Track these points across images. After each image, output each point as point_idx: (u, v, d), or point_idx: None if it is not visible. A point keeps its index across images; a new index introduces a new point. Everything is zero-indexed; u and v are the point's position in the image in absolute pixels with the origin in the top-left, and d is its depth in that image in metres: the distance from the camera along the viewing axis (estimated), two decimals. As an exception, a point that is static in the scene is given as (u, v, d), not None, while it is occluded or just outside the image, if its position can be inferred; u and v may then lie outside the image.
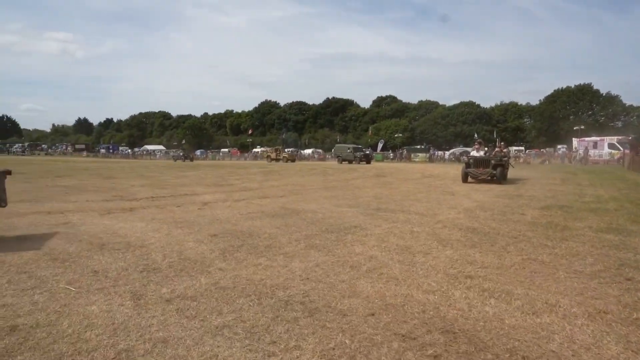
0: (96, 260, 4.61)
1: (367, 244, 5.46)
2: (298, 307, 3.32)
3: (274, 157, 48.69)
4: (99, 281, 3.91)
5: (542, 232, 6.23)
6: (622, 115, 71.78)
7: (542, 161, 38.01)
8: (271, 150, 52.50)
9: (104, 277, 4.03)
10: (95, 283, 3.85)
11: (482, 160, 15.10)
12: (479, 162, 15.10)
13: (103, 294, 3.57)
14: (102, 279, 3.98)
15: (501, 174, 14.56)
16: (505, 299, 3.46)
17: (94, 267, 4.36)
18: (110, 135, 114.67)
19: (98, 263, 4.51)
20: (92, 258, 4.71)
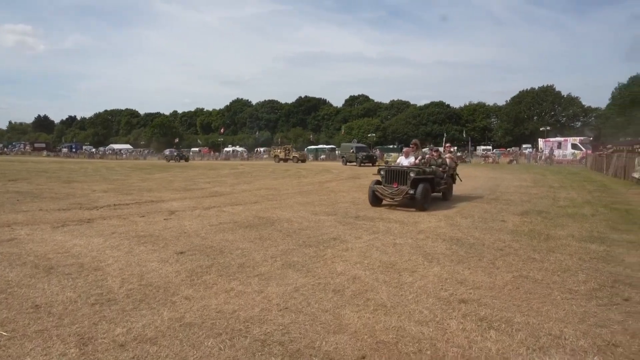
0: (40, 290, 3.98)
1: (349, 261, 5.07)
2: (277, 348, 2.88)
3: (283, 157, 44.31)
4: (39, 320, 3.31)
5: (526, 242, 6.05)
6: (582, 116, 75.21)
7: (510, 161, 39.03)
8: (280, 150, 47.23)
9: (46, 313, 3.44)
10: (35, 323, 3.25)
11: (396, 173, 9.45)
12: (392, 175, 9.52)
13: (42, 338, 3.00)
14: (43, 316, 3.38)
15: (423, 195, 8.90)
16: (506, 331, 3.14)
17: (36, 299, 3.75)
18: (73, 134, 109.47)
19: (42, 294, 3.89)
20: (36, 287, 4.07)
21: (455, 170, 11.71)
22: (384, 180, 9.66)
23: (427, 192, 9.09)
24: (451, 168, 11.07)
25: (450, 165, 11.01)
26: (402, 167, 9.65)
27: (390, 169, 9.78)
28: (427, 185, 9.22)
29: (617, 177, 18.43)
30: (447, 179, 10.66)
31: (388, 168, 9.96)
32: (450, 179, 11.04)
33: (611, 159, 20.94)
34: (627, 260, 5.11)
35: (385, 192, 9.28)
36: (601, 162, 23.46)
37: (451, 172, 11.06)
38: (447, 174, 10.65)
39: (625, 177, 16.94)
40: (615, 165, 19.58)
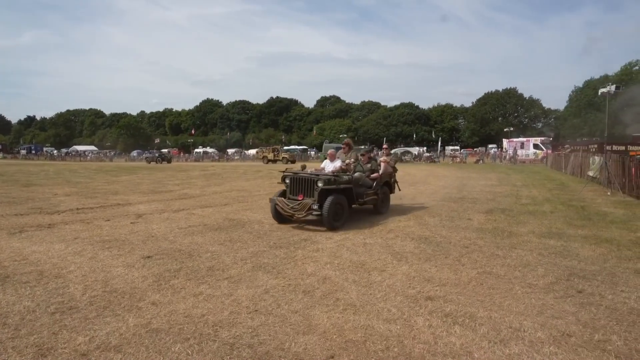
0: None
1: (320, 261, 5.10)
2: (246, 352, 2.87)
3: (271, 158, 42.23)
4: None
5: (490, 239, 6.28)
6: (542, 117, 78.77)
7: (477, 161, 40.35)
8: (268, 150, 44.91)
9: (0, 325, 3.27)
10: (-11, 335, 3.09)
11: (302, 182, 7.38)
12: (297, 184, 7.45)
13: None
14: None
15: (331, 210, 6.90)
16: (470, 325, 3.26)
17: (-9, 310, 3.56)
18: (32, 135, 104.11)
19: None
20: None
21: (394, 177, 9.61)
22: (289, 190, 7.54)
23: (338, 206, 7.03)
24: (386, 175, 9.03)
25: (386, 171, 9.04)
26: (309, 175, 7.36)
27: (296, 177, 7.44)
28: (340, 198, 7.14)
29: (574, 175, 19.43)
30: (380, 189, 8.66)
31: (293, 175, 7.52)
32: (387, 188, 9.05)
33: (569, 158, 22.05)
34: (582, 254, 5.41)
35: (286, 206, 7.14)
36: (560, 161, 24.66)
37: (385, 180, 9.02)
38: (379, 183, 8.65)
39: (581, 175, 17.88)
40: (572, 164, 20.63)
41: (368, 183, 8.47)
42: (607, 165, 12.98)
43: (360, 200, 7.95)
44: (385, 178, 9.04)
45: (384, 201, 8.92)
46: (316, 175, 7.29)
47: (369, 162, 8.92)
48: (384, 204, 8.88)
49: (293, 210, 7.09)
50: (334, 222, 7.01)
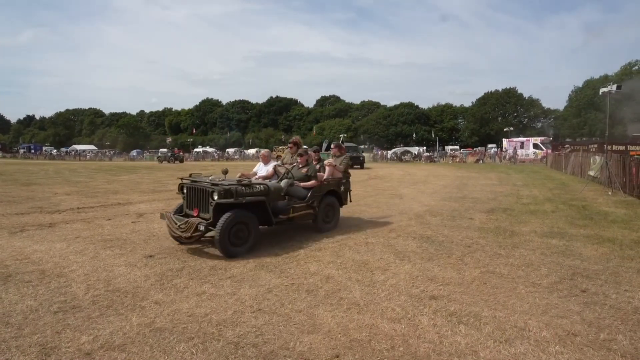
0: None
1: (322, 260, 5.09)
2: (250, 351, 2.86)
3: None
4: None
5: (492, 238, 6.28)
6: (542, 117, 78.85)
7: (477, 160, 40.36)
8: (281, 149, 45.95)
9: (3, 324, 3.26)
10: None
11: (197, 193, 5.70)
12: (193, 195, 5.78)
13: (0, 351, 2.84)
14: (1, 326, 3.20)
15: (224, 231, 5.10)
16: (475, 325, 3.25)
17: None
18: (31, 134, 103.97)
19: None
20: None
21: (347, 185, 7.42)
22: (185, 203, 5.94)
23: (240, 226, 5.30)
24: (333, 182, 7.01)
25: (333, 176, 7.07)
26: (205, 184, 5.55)
27: (192, 186, 5.72)
28: (244, 215, 5.32)
29: (575, 175, 19.44)
30: (322, 200, 6.66)
31: (190, 184, 5.76)
32: (335, 199, 7.02)
33: (569, 158, 22.06)
34: (585, 253, 5.40)
35: (173, 225, 5.51)
36: (560, 161, 24.66)
37: (328, 190, 6.86)
38: (318, 192, 6.60)
39: (582, 175, 17.88)
40: (572, 164, 20.64)
41: (300, 193, 6.47)
42: (608, 165, 12.98)
43: (282, 216, 6.03)
44: (330, 187, 6.93)
45: (329, 216, 6.91)
46: (213, 185, 5.40)
47: (306, 165, 6.90)
48: (328, 220, 6.88)
49: (180, 231, 5.36)
50: (231, 246, 5.17)
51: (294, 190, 6.48)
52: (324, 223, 6.84)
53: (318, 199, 6.64)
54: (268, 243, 6.02)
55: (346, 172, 7.52)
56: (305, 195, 6.52)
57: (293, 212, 6.24)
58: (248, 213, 5.46)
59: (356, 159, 28.80)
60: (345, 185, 7.40)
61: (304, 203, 6.44)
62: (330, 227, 6.96)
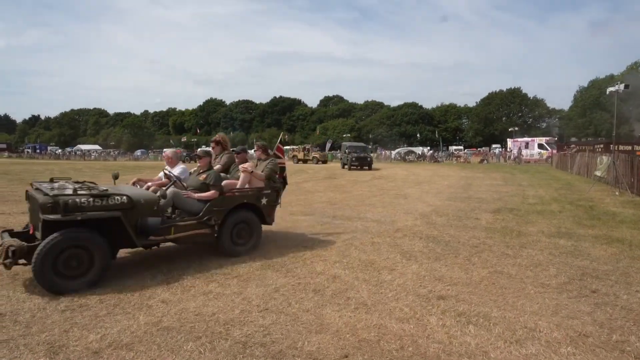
0: (4, 298, 3.77)
1: (328, 260, 5.07)
2: (259, 350, 2.84)
3: (302, 158, 39.87)
4: (4, 329, 3.13)
5: (500, 239, 6.23)
6: (547, 117, 78.43)
7: (481, 160, 40.18)
8: (298, 150, 42.91)
9: (12, 322, 3.26)
10: (0, 332, 3.08)
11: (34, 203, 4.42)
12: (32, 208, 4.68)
13: (8, 349, 2.83)
14: (9, 325, 3.20)
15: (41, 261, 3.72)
16: (484, 325, 3.22)
17: (0, 307, 3.54)
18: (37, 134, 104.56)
19: (7, 302, 3.68)
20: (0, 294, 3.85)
21: (272, 197, 5.71)
22: (29, 216, 4.98)
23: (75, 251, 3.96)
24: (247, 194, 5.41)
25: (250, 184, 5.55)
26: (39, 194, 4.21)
27: (31, 195, 4.53)
28: (77, 237, 4.00)
29: (581, 175, 19.30)
30: (219, 216, 5.06)
31: (31, 192, 4.58)
32: (254, 215, 5.50)
33: (575, 158, 21.91)
34: (593, 254, 5.35)
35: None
36: (566, 161, 24.51)
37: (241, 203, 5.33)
38: (218, 207, 5.05)
39: (588, 175, 17.76)
40: (578, 164, 20.50)
41: (191, 206, 4.99)
42: (615, 165, 12.88)
43: (154, 237, 4.52)
44: (244, 199, 5.37)
45: (242, 236, 5.36)
46: (45, 195, 4.05)
47: (207, 170, 5.36)
48: (240, 241, 5.34)
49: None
50: (58, 280, 3.86)
51: (182, 202, 4.99)
52: (233, 245, 5.25)
53: (219, 215, 5.06)
54: (273, 243, 6.00)
55: (272, 180, 5.82)
56: (199, 210, 4.96)
57: (175, 231, 4.69)
58: (89, 234, 4.07)
59: (363, 159, 27.60)
60: (269, 197, 5.64)
61: (194, 220, 4.88)
62: (244, 250, 5.33)
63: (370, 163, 27.84)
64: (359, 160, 27.38)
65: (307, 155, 40.43)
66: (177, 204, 5.02)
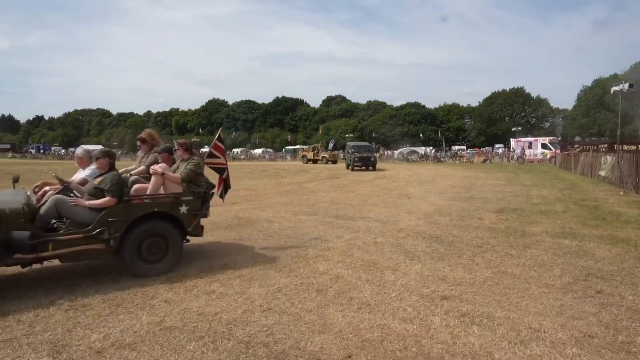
0: (7, 297, 3.78)
1: (331, 260, 5.05)
2: (261, 350, 2.83)
3: (312, 158, 39.40)
4: (8, 328, 3.14)
5: (503, 239, 6.20)
6: (550, 117, 78.09)
7: (484, 160, 40.07)
8: (307, 149, 42.61)
9: (15, 321, 3.26)
10: (3, 332, 3.08)
11: None
12: None
13: (12, 348, 2.84)
14: (12, 324, 3.21)
15: None
16: (488, 325, 3.19)
17: (4, 307, 3.55)
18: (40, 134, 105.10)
19: (10, 301, 3.69)
20: (3, 295, 3.86)
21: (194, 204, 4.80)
22: None
23: None
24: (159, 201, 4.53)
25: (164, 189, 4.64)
26: None
27: None
28: None
29: (585, 175, 19.20)
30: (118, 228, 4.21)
31: None
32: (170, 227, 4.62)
33: (579, 158, 21.80)
34: (598, 254, 5.31)
35: None
36: (569, 161, 24.39)
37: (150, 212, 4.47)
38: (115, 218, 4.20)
39: (592, 175, 17.66)
40: (582, 164, 20.40)
41: (80, 216, 4.13)
42: (619, 165, 12.80)
43: (21, 255, 3.75)
44: (155, 207, 4.49)
45: (153, 252, 4.45)
46: None
47: (107, 171, 4.54)
48: (152, 258, 4.44)
49: None
50: None
51: (68, 211, 4.11)
52: (142, 263, 4.37)
53: (118, 227, 4.20)
54: (275, 242, 6.00)
55: (195, 183, 4.87)
56: (91, 220, 4.12)
57: (54, 247, 3.89)
58: None
59: (366, 159, 26.03)
60: (190, 204, 4.71)
61: (82, 234, 4.02)
62: (160, 269, 4.45)
63: (374, 163, 26.40)
64: (361, 161, 26.04)
65: (317, 155, 39.64)
66: (63, 213, 4.10)
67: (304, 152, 43.57)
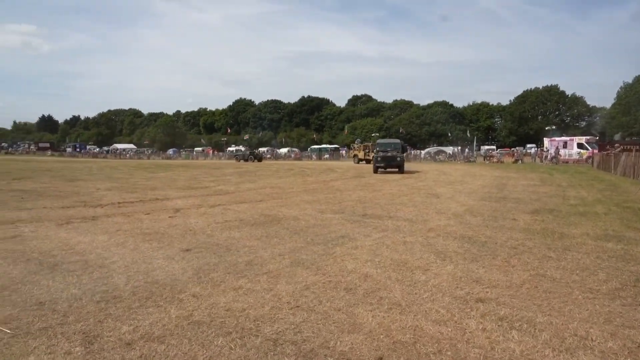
0: (44, 287, 3.88)
1: (359, 259, 4.94)
2: (290, 348, 2.76)
3: (363, 157, 37.42)
4: (43, 317, 3.20)
5: (540, 240, 5.90)
6: (586, 115, 74.68)
7: (515, 160, 38.73)
8: (359, 148, 40.11)
9: (50, 311, 3.33)
10: (39, 320, 3.15)
11: None
12: None
13: (47, 336, 2.89)
14: (47, 313, 3.28)
15: None
16: (529, 331, 3.00)
17: (40, 296, 3.64)
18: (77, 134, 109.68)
19: (46, 291, 3.79)
20: (39, 284, 3.97)
21: None
22: None
23: None
24: None
25: None
26: None
27: None
28: None
29: (626, 176, 18.19)
30: None
31: None
32: None
33: (619, 158, 20.69)
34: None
35: None
36: (609, 162, 23.21)
37: None
38: None
39: (634, 176, 16.71)
40: (623, 165, 19.34)
41: None
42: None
43: None
44: None
45: None
46: None
47: None
48: None
49: None
50: None
51: None
52: None
53: None
54: (302, 240, 5.93)
55: None
56: None
57: None
58: None
59: (391, 159, 21.87)
60: None
61: None
62: None
63: (401, 164, 22.10)
64: (385, 160, 21.94)
65: (368, 154, 36.21)
66: None
67: (354, 151, 40.65)
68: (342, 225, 7.03)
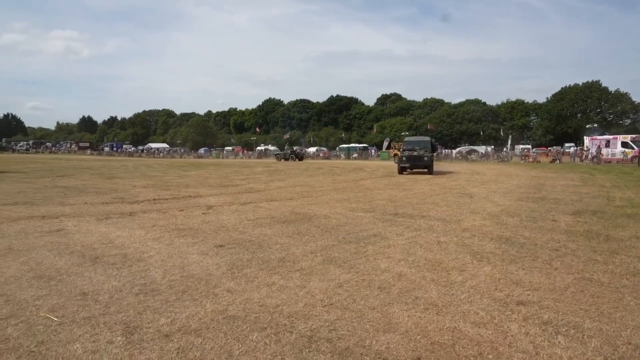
0: (87, 279, 4.03)
1: (392, 258, 4.85)
2: (325, 345, 2.73)
3: None
4: (87, 307, 3.33)
5: (584, 242, 5.60)
6: (631, 113, 70.60)
7: (553, 160, 37.15)
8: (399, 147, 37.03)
9: (93, 301, 3.46)
10: (83, 310, 3.27)
11: None
12: None
13: (90, 325, 2.99)
14: (90, 304, 3.40)
15: None
16: (577, 337, 2.84)
17: (84, 287, 3.79)
18: (114, 134, 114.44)
19: (89, 282, 3.93)
20: (83, 275, 4.14)
21: None
22: None
23: None
24: None
25: None
26: None
27: None
28: None
29: (676, 177, 17.06)
30: None
31: None
32: None
33: (668, 157, 19.41)
34: None
35: None
36: (656, 161, 21.83)
37: None
38: None
39: (685, 177, 15.63)
40: (673, 164, 18.13)
41: None
42: None
43: None
44: None
45: None
46: None
47: None
48: None
49: None
50: None
51: None
52: None
53: None
54: (334, 238, 5.90)
55: None
56: None
57: None
58: None
59: (417, 159, 19.83)
60: None
61: None
62: None
63: (430, 164, 19.92)
64: (410, 160, 19.90)
65: None
66: None
67: (395, 151, 38.57)
68: (374, 224, 6.95)
